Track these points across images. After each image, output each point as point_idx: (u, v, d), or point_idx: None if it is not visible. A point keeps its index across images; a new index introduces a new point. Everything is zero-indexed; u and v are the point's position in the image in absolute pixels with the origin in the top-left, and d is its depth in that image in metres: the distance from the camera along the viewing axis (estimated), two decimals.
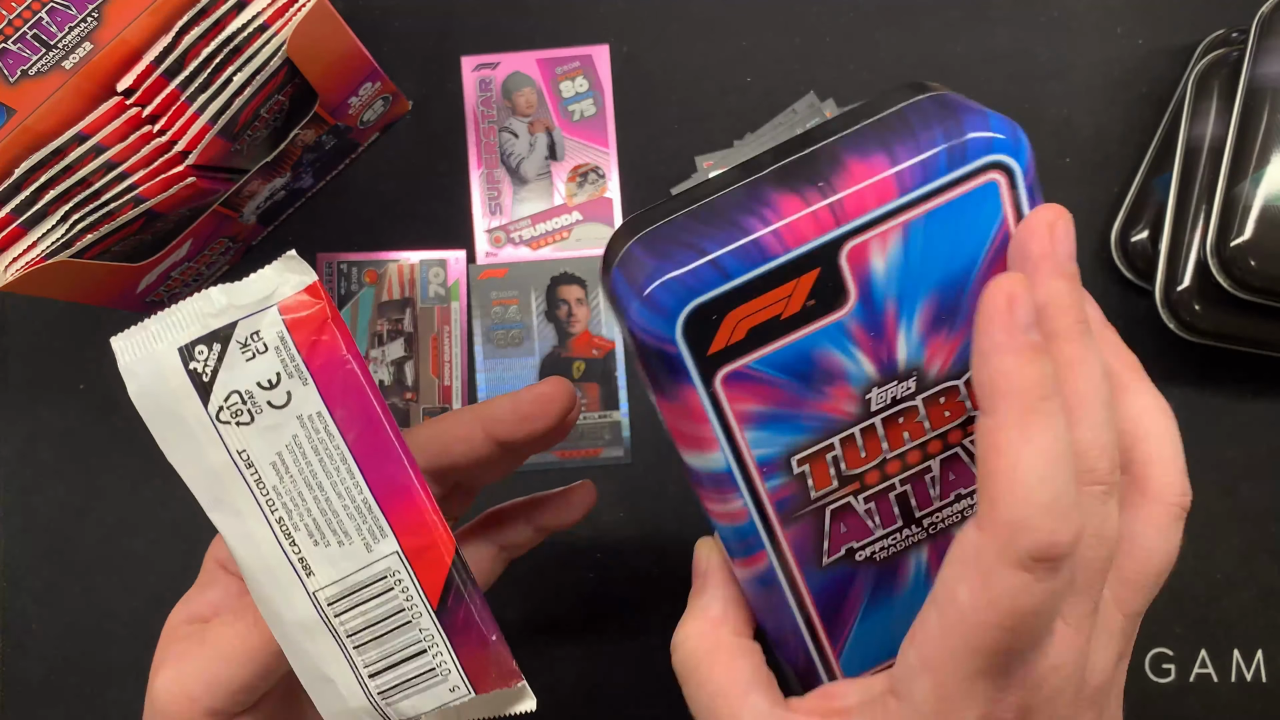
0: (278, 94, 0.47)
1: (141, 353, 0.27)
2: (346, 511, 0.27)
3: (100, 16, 0.42)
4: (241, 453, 0.27)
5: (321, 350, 0.26)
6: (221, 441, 0.27)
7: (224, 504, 0.27)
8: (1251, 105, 0.48)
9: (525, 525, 0.39)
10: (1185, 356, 0.54)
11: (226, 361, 0.26)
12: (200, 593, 0.34)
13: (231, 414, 0.27)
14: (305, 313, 0.26)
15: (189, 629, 0.33)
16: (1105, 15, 0.56)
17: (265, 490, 0.27)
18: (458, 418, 0.34)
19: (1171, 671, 0.54)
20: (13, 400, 0.57)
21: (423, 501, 0.27)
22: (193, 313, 0.27)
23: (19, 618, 0.56)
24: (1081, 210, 0.56)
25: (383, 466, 0.27)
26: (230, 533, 0.27)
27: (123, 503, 0.56)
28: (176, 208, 0.46)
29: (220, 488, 0.27)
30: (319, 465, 0.27)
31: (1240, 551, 0.54)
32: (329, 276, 0.57)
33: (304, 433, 0.26)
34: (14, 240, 0.44)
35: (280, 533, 0.27)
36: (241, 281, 0.26)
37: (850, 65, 0.56)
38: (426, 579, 0.27)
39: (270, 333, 0.26)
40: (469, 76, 0.57)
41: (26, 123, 0.42)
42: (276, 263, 0.27)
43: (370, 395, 0.27)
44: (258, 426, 0.26)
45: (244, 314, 0.26)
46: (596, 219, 0.57)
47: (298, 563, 0.27)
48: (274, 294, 0.26)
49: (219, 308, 0.26)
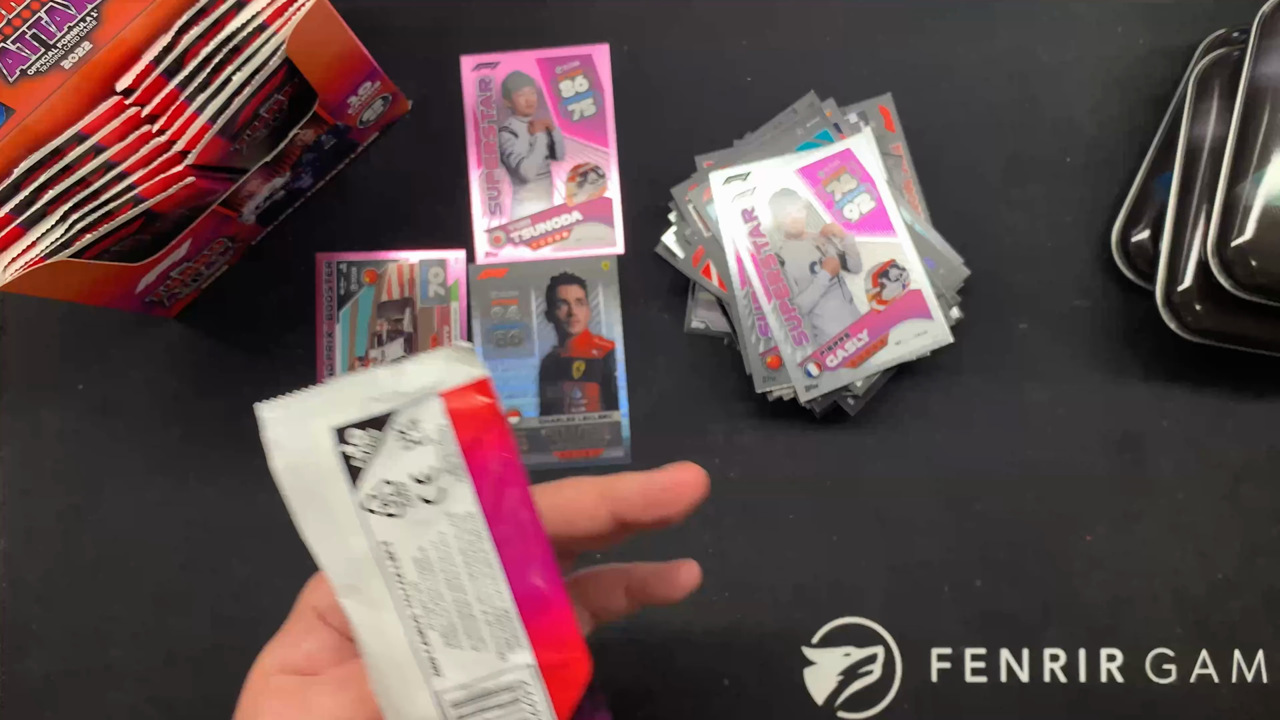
0: (277, 94, 0.47)
1: (293, 427, 0.25)
2: (485, 617, 0.26)
3: (99, 16, 0.42)
4: (385, 544, 0.25)
5: (483, 449, 0.25)
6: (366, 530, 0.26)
7: (358, 592, 0.26)
8: (1252, 105, 0.48)
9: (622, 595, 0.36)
10: (1186, 356, 0.54)
11: (382, 449, 0.25)
12: (296, 642, 0.32)
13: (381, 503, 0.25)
14: (471, 408, 0.25)
15: (285, 681, 0.31)
16: (1105, 15, 0.56)
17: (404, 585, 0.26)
18: (580, 490, 0.31)
19: (1172, 672, 0.54)
20: (13, 401, 0.57)
21: (566, 617, 0.26)
22: (354, 393, 0.25)
23: (19, 618, 0.56)
24: (1082, 210, 0.56)
25: (529, 576, 0.26)
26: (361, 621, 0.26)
27: (123, 503, 0.56)
28: (176, 207, 0.46)
29: (357, 575, 0.26)
30: (463, 567, 0.26)
31: (1241, 552, 0.54)
32: (329, 276, 0.57)
33: (453, 531, 0.25)
34: (13, 240, 0.44)
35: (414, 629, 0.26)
36: (407, 365, 0.25)
37: (850, 65, 0.56)
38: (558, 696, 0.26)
39: (431, 424, 0.25)
40: (469, 76, 0.57)
41: (26, 122, 0.42)
42: (446, 350, 0.25)
43: (530, 503, 0.26)
44: (406, 520, 0.25)
45: (406, 401, 0.25)
46: (596, 219, 0.57)
47: (427, 661, 0.26)
48: (440, 383, 0.25)
49: (382, 392, 0.25)
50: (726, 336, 0.55)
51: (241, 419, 0.56)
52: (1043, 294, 0.55)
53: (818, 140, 0.54)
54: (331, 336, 0.56)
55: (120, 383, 0.57)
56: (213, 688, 0.55)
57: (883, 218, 0.53)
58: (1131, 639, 0.54)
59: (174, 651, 0.55)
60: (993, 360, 0.55)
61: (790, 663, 0.54)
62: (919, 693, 0.54)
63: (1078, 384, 0.55)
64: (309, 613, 0.33)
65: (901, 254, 0.53)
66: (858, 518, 0.55)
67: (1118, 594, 0.54)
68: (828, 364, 0.52)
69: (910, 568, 0.54)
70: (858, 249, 0.53)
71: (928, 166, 0.55)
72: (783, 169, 0.53)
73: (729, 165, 0.54)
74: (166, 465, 0.56)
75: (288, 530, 0.61)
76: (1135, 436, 0.54)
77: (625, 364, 0.56)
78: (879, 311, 0.52)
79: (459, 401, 0.25)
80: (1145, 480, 0.54)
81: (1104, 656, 0.54)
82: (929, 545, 0.54)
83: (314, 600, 0.33)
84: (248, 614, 0.55)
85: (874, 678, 0.54)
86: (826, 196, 0.53)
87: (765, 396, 0.53)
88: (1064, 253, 0.55)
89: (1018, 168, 0.56)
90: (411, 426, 0.25)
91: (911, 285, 0.52)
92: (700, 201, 0.54)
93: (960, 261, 0.53)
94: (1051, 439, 0.55)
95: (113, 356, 0.57)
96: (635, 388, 0.56)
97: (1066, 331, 0.55)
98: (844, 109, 0.55)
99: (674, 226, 0.55)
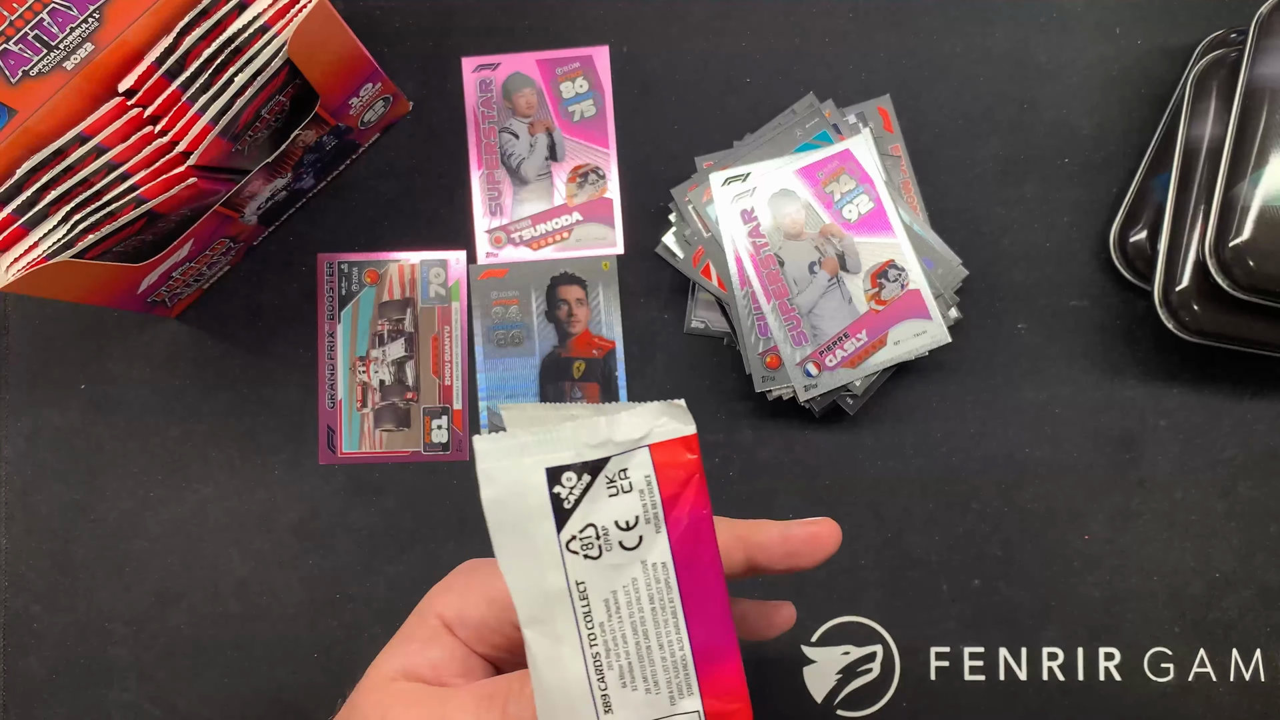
0: (279, 95, 0.47)
1: (507, 462, 0.26)
2: (663, 663, 0.27)
3: (101, 17, 0.42)
4: (580, 583, 0.27)
5: (683, 504, 0.26)
6: (564, 568, 0.27)
7: (544, 625, 0.27)
8: (1250, 105, 0.48)
9: None
10: (1184, 356, 0.54)
11: (591, 493, 0.26)
12: (421, 650, 0.32)
13: (581, 545, 0.26)
14: (677, 463, 0.26)
15: (412, 689, 0.31)
16: (1104, 15, 0.56)
17: (591, 624, 0.27)
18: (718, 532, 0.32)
19: (1170, 671, 0.54)
20: (14, 399, 0.57)
21: (737, 669, 0.27)
22: (570, 437, 0.26)
23: (20, 617, 0.56)
24: (1080, 210, 0.56)
25: (708, 627, 0.27)
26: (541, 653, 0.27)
27: (123, 502, 0.56)
28: (178, 208, 0.46)
29: (547, 610, 0.27)
30: (649, 613, 0.27)
31: (1239, 551, 0.54)
32: (330, 276, 0.57)
33: (644, 579, 0.27)
34: (15, 240, 0.44)
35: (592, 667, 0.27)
36: (622, 416, 0.26)
37: (849, 66, 0.56)
38: None
39: (638, 474, 0.26)
40: (469, 77, 0.57)
41: (28, 123, 0.42)
42: (660, 405, 0.27)
43: (716, 558, 0.27)
44: (602, 563, 0.27)
45: (619, 450, 0.26)
46: (596, 219, 0.57)
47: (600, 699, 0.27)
48: (649, 435, 0.26)
49: (598, 439, 0.26)
50: (726, 336, 0.55)
51: (243, 418, 0.57)
52: (1041, 294, 0.55)
53: (817, 141, 0.54)
54: (333, 336, 0.57)
55: (122, 382, 0.57)
56: (213, 685, 0.55)
57: (881, 218, 0.53)
58: (1129, 638, 0.54)
59: (174, 649, 0.55)
60: (991, 360, 0.55)
61: (789, 661, 0.54)
62: (917, 691, 0.54)
63: (1075, 384, 0.55)
64: (434, 622, 0.33)
65: (900, 254, 0.53)
66: (857, 516, 0.55)
67: (1116, 593, 0.54)
68: (827, 364, 0.52)
69: (909, 566, 0.55)
70: (856, 249, 0.53)
71: (926, 167, 0.56)
72: (782, 170, 0.53)
73: (728, 166, 0.54)
74: (167, 464, 0.56)
75: (288, 530, 0.62)
76: (1133, 436, 0.54)
77: (625, 364, 0.56)
78: (878, 311, 0.52)
79: (665, 455, 0.26)
80: (1143, 479, 0.54)
81: (1102, 655, 0.54)
82: (928, 544, 0.55)
83: (441, 610, 0.33)
84: (248, 612, 0.56)
85: (873, 676, 0.54)
86: (825, 197, 0.53)
87: (765, 396, 0.54)
88: (1062, 253, 0.56)
89: (1016, 168, 0.56)
90: (620, 475, 0.26)
91: (910, 285, 0.53)
92: (700, 202, 0.54)
93: (959, 262, 0.53)
94: (1049, 438, 0.55)
95: (114, 356, 0.57)
96: (635, 388, 0.56)
97: (1064, 331, 0.55)
98: (843, 110, 0.55)
99: (674, 227, 0.55)
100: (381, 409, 0.56)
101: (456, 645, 0.32)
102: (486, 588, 0.32)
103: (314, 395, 0.56)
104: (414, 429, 0.56)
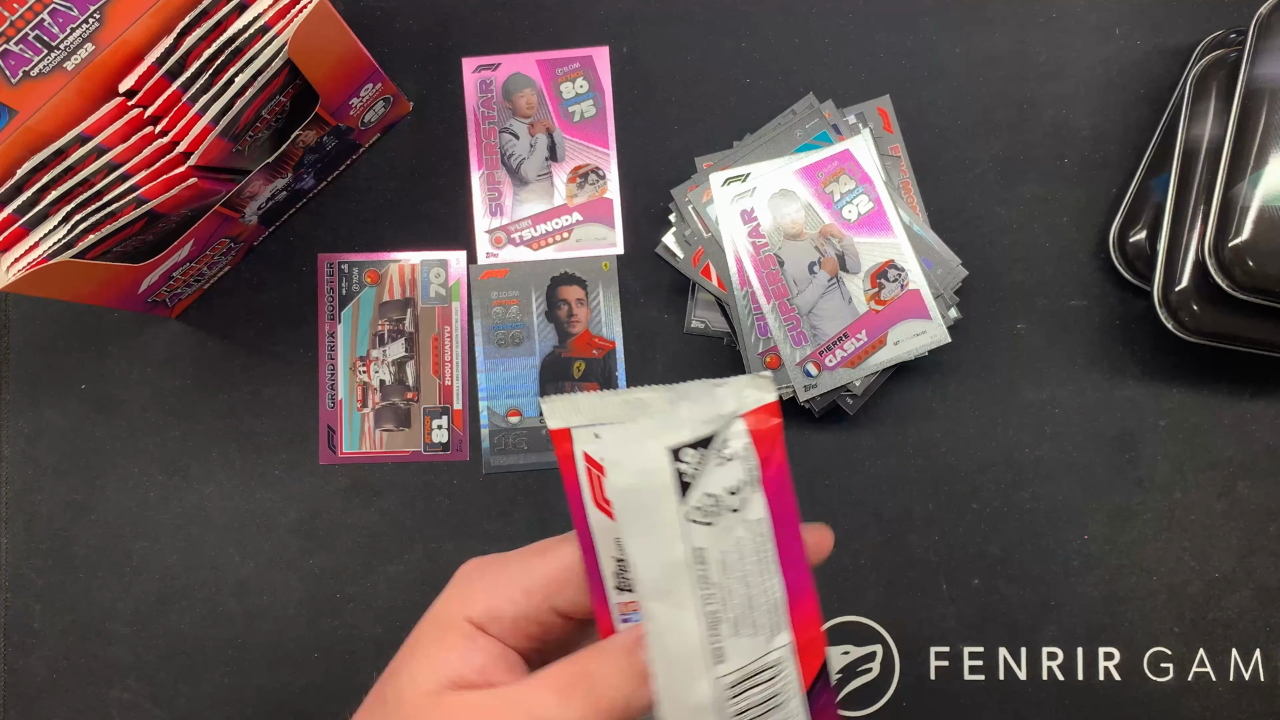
0: (279, 95, 0.47)
1: (631, 448, 0.28)
2: (764, 607, 0.29)
3: (102, 18, 0.42)
4: (699, 550, 0.28)
5: (773, 462, 0.29)
6: (686, 538, 0.28)
7: (669, 595, 0.29)
8: (1250, 106, 0.48)
9: None
10: (1183, 356, 0.54)
11: (706, 466, 0.28)
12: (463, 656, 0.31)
13: (700, 514, 0.28)
14: (766, 428, 0.29)
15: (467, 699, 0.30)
16: (1103, 16, 0.56)
17: (708, 585, 0.29)
18: None
19: (1169, 671, 0.54)
20: (14, 400, 0.57)
21: (814, 602, 0.30)
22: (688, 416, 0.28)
23: (21, 617, 0.56)
24: (1080, 210, 0.56)
25: (795, 569, 0.30)
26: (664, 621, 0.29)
27: (123, 502, 0.56)
28: (178, 208, 0.46)
29: (672, 580, 0.29)
30: (753, 565, 0.29)
31: (1238, 551, 0.54)
32: (330, 276, 0.57)
33: (748, 535, 0.29)
34: (16, 241, 0.44)
35: (707, 624, 0.29)
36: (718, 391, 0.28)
37: (849, 66, 0.56)
38: (806, 668, 0.30)
39: (738, 443, 0.28)
40: (470, 78, 0.57)
41: (28, 124, 0.42)
42: (748, 377, 0.29)
43: (795, 506, 0.30)
44: (716, 527, 0.28)
45: (724, 424, 0.28)
46: (597, 219, 0.57)
47: (713, 651, 0.29)
48: (742, 406, 0.29)
49: (708, 415, 0.28)
50: (726, 336, 0.56)
51: (243, 418, 0.57)
52: (1040, 294, 0.55)
53: (816, 141, 0.54)
54: (333, 336, 0.57)
55: (122, 382, 0.57)
56: (213, 684, 0.55)
57: (881, 218, 0.53)
58: (1129, 637, 0.54)
59: (175, 648, 0.55)
60: (990, 360, 0.55)
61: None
62: (917, 690, 0.54)
63: (1075, 383, 0.55)
64: (465, 627, 0.32)
65: (900, 254, 0.53)
66: (857, 516, 0.55)
67: (1115, 592, 0.54)
68: (826, 364, 0.52)
69: (909, 566, 0.55)
70: (856, 249, 0.53)
71: (926, 167, 0.56)
72: (782, 170, 0.53)
73: (728, 166, 0.54)
74: (168, 464, 0.56)
75: (288, 530, 0.62)
76: (1132, 435, 0.55)
77: (625, 364, 0.56)
78: (877, 312, 0.53)
79: (756, 422, 0.29)
80: (1142, 479, 0.54)
81: (1101, 655, 0.54)
82: (927, 544, 0.55)
83: (466, 612, 0.32)
84: (248, 612, 0.56)
85: (872, 675, 0.54)
86: (825, 197, 0.53)
87: None
88: (1062, 253, 0.56)
89: (1015, 168, 0.56)
90: (724, 445, 0.28)
91: (910, 285, 0.53)
92: (700, 202, 0.54)
93: (958, 262, 0.53)
94: (1049, 438, 0.55)
95: (115, 356, 0.57)
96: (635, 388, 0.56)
97: (1064, 331, 0.55)
98: (843, 110, 0.55)
99: (674, 227, 0.55)
100: (382, 409, 0.56)
101: (493, 644, 0.32)
102: (520, 580, 0.32)
103: (314, 395, 0.56)
104: (414, 429, 0.56)
